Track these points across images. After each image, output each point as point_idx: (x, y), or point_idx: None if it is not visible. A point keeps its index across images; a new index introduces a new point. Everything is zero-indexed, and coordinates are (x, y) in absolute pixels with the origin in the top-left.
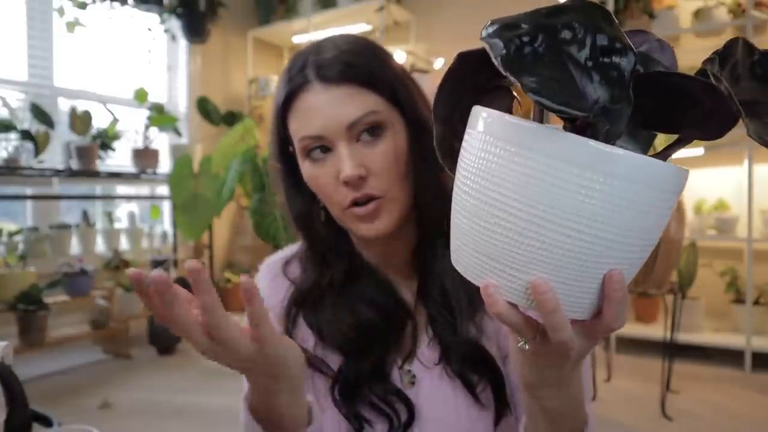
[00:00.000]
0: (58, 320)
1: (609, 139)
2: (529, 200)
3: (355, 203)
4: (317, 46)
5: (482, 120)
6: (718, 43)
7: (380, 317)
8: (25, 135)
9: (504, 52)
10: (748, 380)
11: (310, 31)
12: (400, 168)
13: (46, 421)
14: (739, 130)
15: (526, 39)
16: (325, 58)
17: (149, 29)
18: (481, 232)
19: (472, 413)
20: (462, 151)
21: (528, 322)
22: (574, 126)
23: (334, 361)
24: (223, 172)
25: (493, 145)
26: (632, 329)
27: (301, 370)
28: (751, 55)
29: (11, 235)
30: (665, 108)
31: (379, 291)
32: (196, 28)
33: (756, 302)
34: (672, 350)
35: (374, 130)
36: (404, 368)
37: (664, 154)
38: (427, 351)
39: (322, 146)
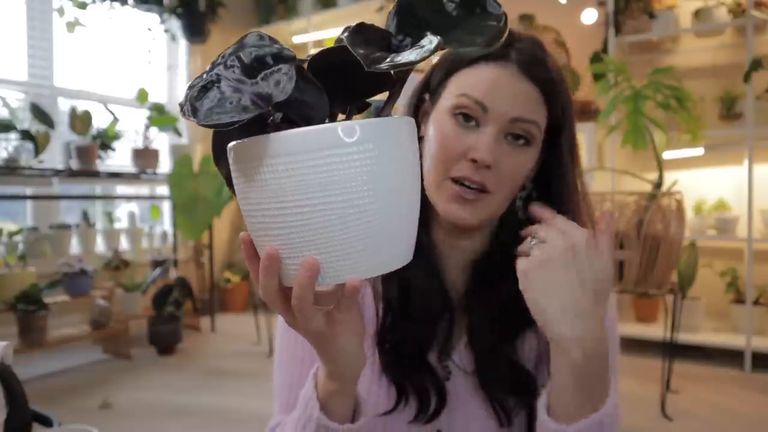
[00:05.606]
0: (58, 320)
1: (314, 119)
2: (283, 197)
3: (461, 182)
4: (520, 35)
5: (229, 153)
6: (718, 43)
7: (421, 298)
8: (25, 135)
9: (184, 102)
10: (748, 380)
11: (310, 31)
12: (518, 183)
13: (46, 421)
14: (739, 131)
15: (203, 83)
16: (532, 53)
17: (149, 29)
18: (279, 239)
19: (502, 426)
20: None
21: None
22: (278, 126)
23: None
24: None
25: (241, 169)
26: (632, 329)
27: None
28: None
29: (11, 235)
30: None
31: (426, 274)
32: (196, 28)
33: (756, 302)
34: (672, 350)
35: (524, 139)
36: (441, 362)
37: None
38: (463, 355)
39: (471, 116)
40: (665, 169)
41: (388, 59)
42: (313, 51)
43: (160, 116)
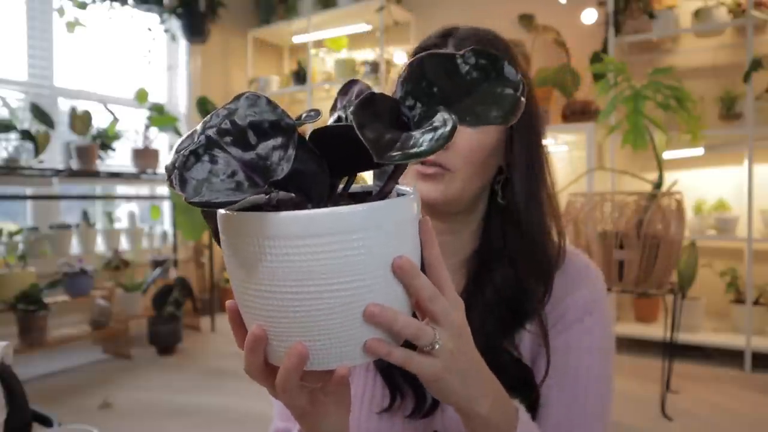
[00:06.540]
0: (58, 320)
1: (313, 191)
2: (277, 281)
3: (423, 163)
4: (457, 27)
5: (219, 221)
6: (718, 43)
7: None
8: (25, 135)
9: (170, 167)
10: (748, 380)
11: (310, 31)
12: (480, 158)
13: (46, 421)
14: (739, 131)
15: (193, 148)
16: (466, 32)
17: (149, 29)
18: (270, 322)
19: None
20: None
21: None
22: (275, 206)
23: None
24: None
25: (232, 244)
26: (632, 329)
27: None
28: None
29: (11, 235)
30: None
31: None
32: (196, 28)
33: (756, 302)
34: (672, 350)
35: None
36: None
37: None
38: None
39: None
40: (665, 169)
41: (398, 147)
42: (314, 51)
43: (160, 116)
